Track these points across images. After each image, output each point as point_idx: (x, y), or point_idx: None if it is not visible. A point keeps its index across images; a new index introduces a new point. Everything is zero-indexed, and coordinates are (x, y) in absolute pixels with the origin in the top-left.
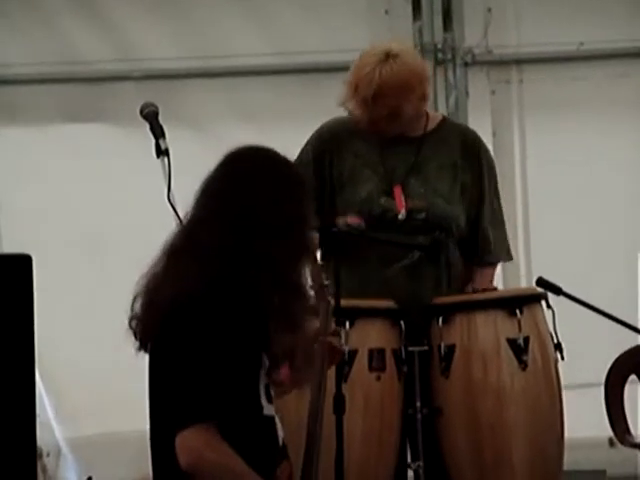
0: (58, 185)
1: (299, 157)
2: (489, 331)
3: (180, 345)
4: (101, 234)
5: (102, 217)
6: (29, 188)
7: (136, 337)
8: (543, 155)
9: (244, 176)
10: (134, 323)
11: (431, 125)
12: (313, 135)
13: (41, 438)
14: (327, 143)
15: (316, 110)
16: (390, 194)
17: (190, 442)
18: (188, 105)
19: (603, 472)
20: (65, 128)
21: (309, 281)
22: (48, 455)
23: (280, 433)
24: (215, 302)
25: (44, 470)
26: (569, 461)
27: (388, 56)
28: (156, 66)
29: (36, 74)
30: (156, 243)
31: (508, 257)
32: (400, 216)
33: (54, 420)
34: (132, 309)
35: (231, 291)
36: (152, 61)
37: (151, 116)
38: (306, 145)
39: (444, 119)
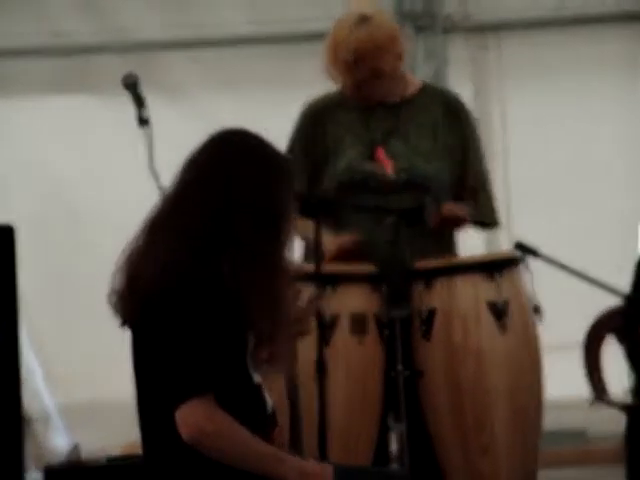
0: (41, 155)
1: (291, 146)
2: (469, 294)
3: (167, 322)
4: (83, 203)
5: (84, 186)
6: (11, 158)
7: (117, 312)
8: (523, 120)
9: (226, 158)
10: (114, 298)
11: (411, 90)
12: (300, 114)
13: (30, 404)
14: (314, 119)
15: (295, 79)
16: (372, 158)
17: (191, 415)
18: (169, 75)
19: (583, 431)
20: (48, 99)
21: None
22: (37, 421)
23: (269, 400)
24: (199, 279)
25: (33, 436)
26: (549, 421)
27: (362, 20)
28: (137, 37)
29: (20, 46)
30: (137, 212)
31: (494, 221)
32: (389, 174)
33: (43, 386)
34: (112, 284)
35: (213, 266)
36: (133, 32)
37: (132, 86)
38: (296, 125)
39: (424, 84)
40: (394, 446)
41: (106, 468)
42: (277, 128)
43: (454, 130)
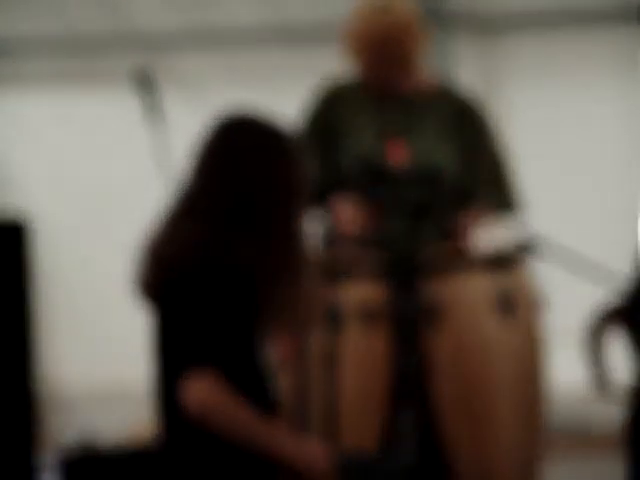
0: (53, 148)
1: (304, 130)
2: (477, 286)
3: (185, 301)
4: (100, 192)
5: (99, 176)
6: (24, 150)
7: (139, 292)
8: (530, 116)
9: (242, 145)
10: (138, 278)
11: (426, 85)
12: (315, 95)
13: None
14: (328, 101)
15: (309, 70)
16: (384, 150)
17: (196, 389)
18: (182, 69)
19: (586, 422)
20: (61, 89)
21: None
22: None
23: (274, 386)
24: (219, 260)
25: (47, 421)
26: (554, 412)
27: (384, 5)
28: (151, 31)
29: (30, 38)
30: (150, 199)
31: (511, 207)
32: (398, 168)
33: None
34: (136, 265)
35: (234, 250)
36: (147, 26)
37: (145, 80)
38: (308, 117)
39: (440, 81)
40: (402, 437)
41: (119, 455)
42: (291, 119)
43: (466, 126)
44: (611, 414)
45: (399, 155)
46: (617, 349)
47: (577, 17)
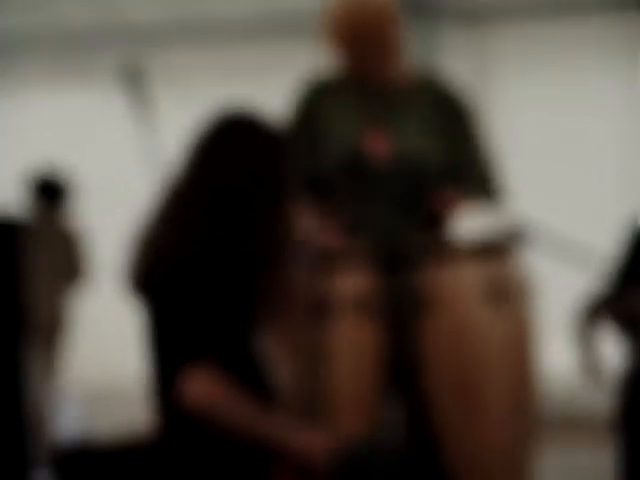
0: (44, 144)
1: (290, 127)
2: (469, 276)
3: (178, 293)
4: (87, 188)
5: (88, 173)
6: (13, 147)
7: (131, 284)
8: (520, 106)
9: (236, 144)
10: (130, 271)
11: (409, 77)
12: (299, 93)
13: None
14: (312, 98)
15: (298, 65)
16: (365, 143)
17: (194, 381)
18: (169, 60)
19: (577, 406)
20: (50, 84)
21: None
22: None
23: (271, 374)
24: (212, 253)
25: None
26: (545, 400)
27: None
28: (138, 23)
29: (21, 37)
30: (139, 196)
31: (493, 196)
32: (377, 162)
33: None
34: (128, 260)
35: (226, 243)
36: (136, 20)
37: (134, 74)
38: (295, 103)
39: (422, 72)
40: (394, 428)
41: (116, 451)
42: (280, 114)
43: (452, 120)
44: (602, 401)
45: (380, 148)
46: (607, 336)
47: (570, 4)
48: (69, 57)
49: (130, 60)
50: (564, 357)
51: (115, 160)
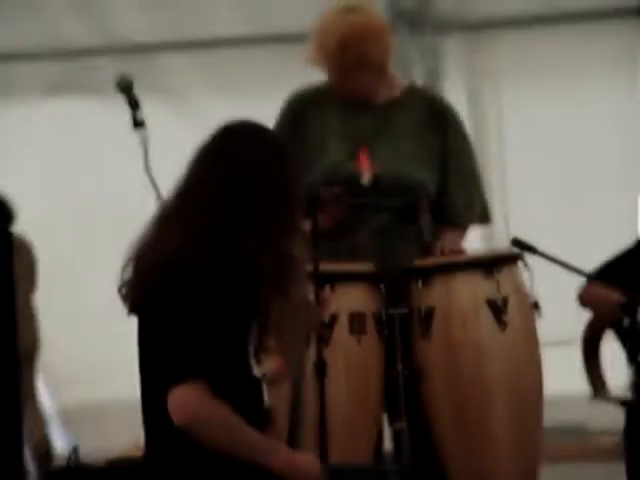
0: (39, 158)
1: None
2: (468, 292)
3: (171, 307)
4: (82, 205)
5: (83, 189)
6: (13, 160)
7: (126, 302)
8: (518, 116)
9: (234, 149)
10: (124, 289)
11: (396, 92)
12: (283, 107)
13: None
14: (297, 114)
15: (292, 78)
16: (353, 161)
17: (182, 398)
18: (164, 76)
19: (583, 427)
20: (44, 102)
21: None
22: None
23: (266, 396)
24: (203, 267)
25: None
26: (550, 417)
27: (349, 8)
28: (132, 39)
29: (18, 49)
30: (135, 214)
31: (483, 220)
32: (364, 180)
33: (44, 388)
34: (122, 276)
35: (222, 257)
36: (128, 34)
37: (127, 88)
38: (278, 118)
39: (410, 85)
40: (393, 445)
41: (105, 470)
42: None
43: (438, 133)
44: (608, 419)
45: (368, 166)
46: (614, 353)
47: (570, 15)
48: (63, 71)
49: (123, 73)
50: (571, 375)
51: (111, 176)
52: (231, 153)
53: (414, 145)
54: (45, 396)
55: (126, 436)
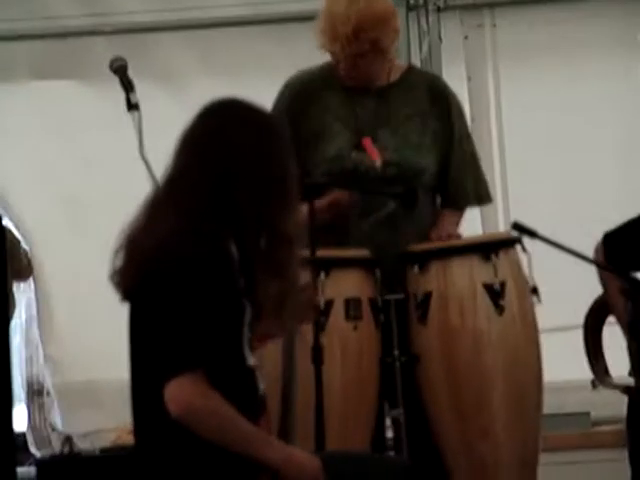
0: (30, 142)
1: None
2: (465, 277)
3: (165, 295)
4: (75, 190)
5: (76, 173)
6: (0, 145)
7: (119, 289)
8: (518, 99)
9: (222, 128)
10: (116, 277)
11: (396, 74)
12: (282, 91)
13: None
14: (297, 98)
15: (288, 60)
16: (360, 147)
17: (179, 390)
18: (158, 58)
19: (587, 414)
20: (36, 85)
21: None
22: (48, 394)
23: (261, 384)
24: (198, 252)
25: (41, 407)
26: (553, 404)
27: None
28: (125, 20)
29: (5, 30)
30: (130, 197)
31: (485, 200)
32: (377, 164)
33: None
34: (113, 263)
35: (214, 241)
36: (121, 15)
37: (120, 70)
38: (276, 102)
39: (409, 68)
40: (391, 432)
41: (99, 459)
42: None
43: (441, 117)
44: (611, 406)
45: (374, 154)
46: (616, 341)
47: None
48: (57, 52)
49: (117, 57)
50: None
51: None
52: (216, 132)
53: (417, 130)
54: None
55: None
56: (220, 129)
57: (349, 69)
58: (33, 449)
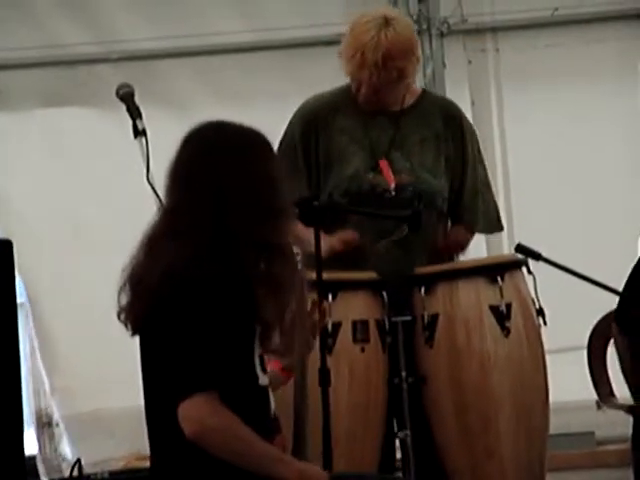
0: (39, 169)
1: (283, 140)
2: (471, 299)
3: (174, 318)
4: (83, 216)
5: (83, 199)
6: (10, 172)
7: (127, 326)
8: (521, 123)
9: (206, 154)
10: (123, 314)
11: (410, 99)
12: (295, 115)
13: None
14: (311, 122)
15: (294, 86)
16: (376, 169)
17: (193, 411)
18: (165, 85)
19: (592, 434)
20: (43, 112)
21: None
22: (57, 425)
23: (272, 404)
24: (202, 277)
25: (51, 438)
26: (558, 424)
27: (387, 20)
28: (132, 47)
29: (15, 59)
30: (137, 224)
31: (495, 229)
32: (391, 189)
33: (50, 396)
34: (118, 302)
35: (216, 265)
36: (128, 42)
37: (127, 97)
38: (289, 126)
39: (423, 92)
40: (399, 453)
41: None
42: (278, 136)
43: (454, 140)
44: (616, 426)
45: (390, 178)
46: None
47: (572, 19)
48: (65, 80)
49: (124, 83)
50: (578, 382)
51: (113, 185)
52: (201, 161)
53: (431, 154)
54: (52, 404)
55: (130, 445)
56: (204, 156)
57: (370, 95)
58: (44, 479)
